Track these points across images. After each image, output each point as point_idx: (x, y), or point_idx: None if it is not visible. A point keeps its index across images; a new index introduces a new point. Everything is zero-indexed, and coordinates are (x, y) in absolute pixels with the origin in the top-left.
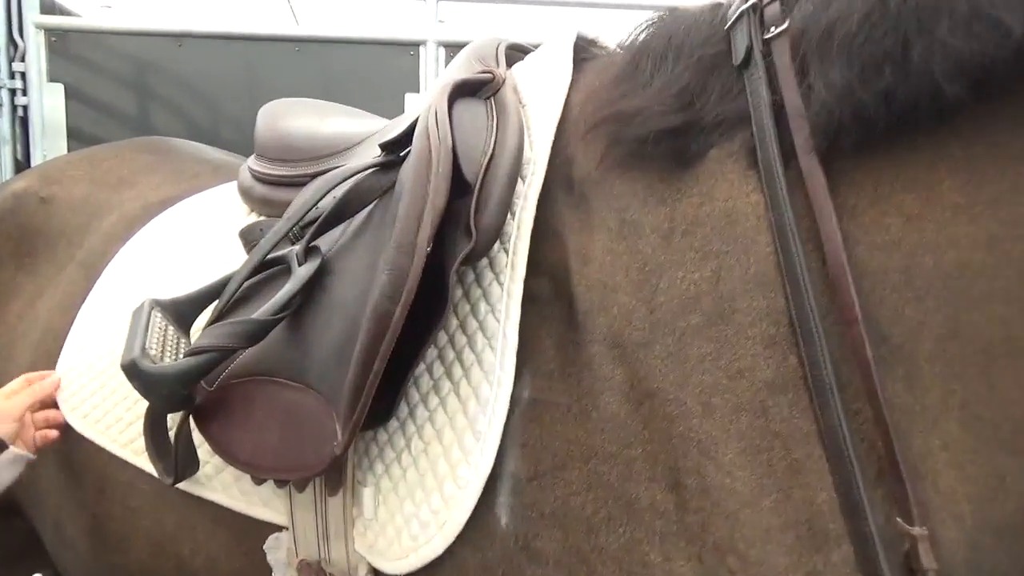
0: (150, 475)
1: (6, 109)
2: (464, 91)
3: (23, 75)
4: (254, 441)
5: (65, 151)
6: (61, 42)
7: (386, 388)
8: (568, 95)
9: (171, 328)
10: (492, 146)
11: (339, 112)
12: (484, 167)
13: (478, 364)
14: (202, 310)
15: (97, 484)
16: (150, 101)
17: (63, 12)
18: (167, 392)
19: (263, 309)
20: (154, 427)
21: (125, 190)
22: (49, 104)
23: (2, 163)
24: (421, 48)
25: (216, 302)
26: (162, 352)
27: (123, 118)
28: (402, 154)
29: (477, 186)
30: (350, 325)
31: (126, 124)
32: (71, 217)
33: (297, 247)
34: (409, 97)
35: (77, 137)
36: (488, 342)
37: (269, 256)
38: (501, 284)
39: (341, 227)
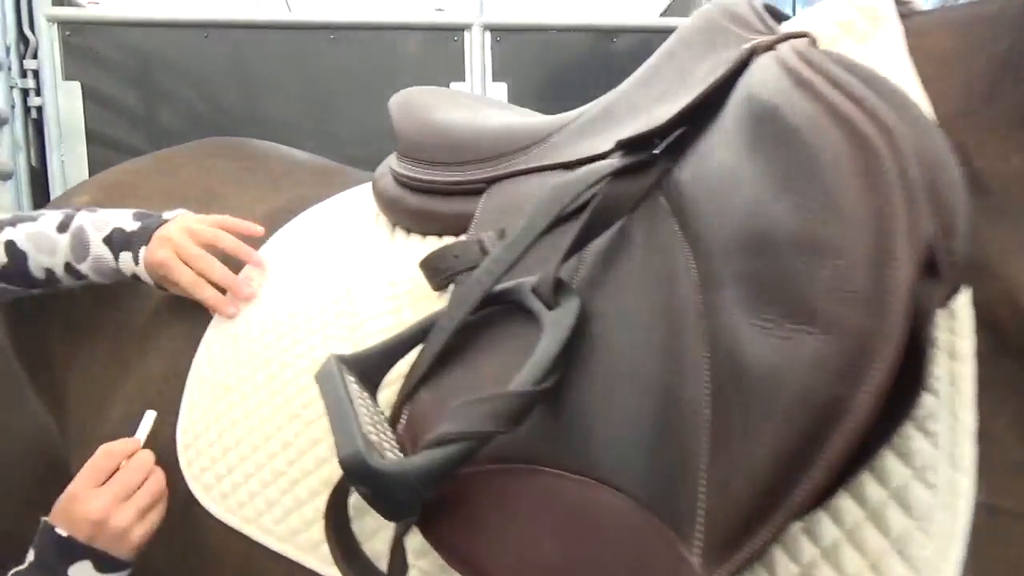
0: (313, 572)
1: (19, 111)
2: None
3: (36, 73)
4: (517, 555)
5: (84, 156)
6: (76, 36)
7: None
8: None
9: (369, 397)
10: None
11: (484, 103)
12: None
13: (899, 458)
14: (392, 365)
15: None
16: (175, 99)
17: (73, 3)
18: (406, 497)
19: (523, 377)
20: (339, 524)
21: (215, 205)
22: (65, 105)
23: (17, 171)
24: (466, 33)
25: (416, 354)
26: (378, 435)
27: (146, 119)
28: (656, 151)
29: (939, 199)
30: (655, 396)
31: (150, 125)
32: None
33: (531, 280)
34: (454, 86)
35: (96, 141)
36: (916, 424)
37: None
38: None
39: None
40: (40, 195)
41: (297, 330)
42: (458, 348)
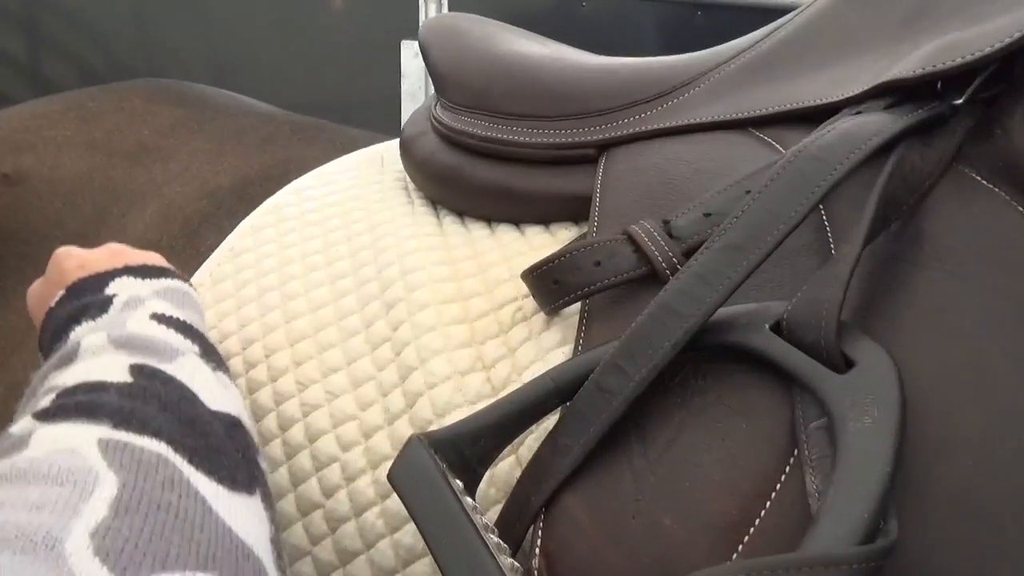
0: None
1: None
2: None
3: None
4: None
5: None
6: None
7: None
8: None
9: (479, 509)
10: None
11: (545, 39)
12: None
13: None
14: (506, 445)
15: None
16: (64, 48)
17: None
18: None
19: (836, 524)
20: None
21: (155, 163)
22: None
23: None
24: None
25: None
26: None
27: (30, 69)
28: (959, 101)
29: None
30: None
31: (36, 77)
32: (63, 209)
33: (768, 309)
34: (406, 45)
35: None
36: None
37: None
38: None
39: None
40: None
41: (306, 363)
42: (630, 424)
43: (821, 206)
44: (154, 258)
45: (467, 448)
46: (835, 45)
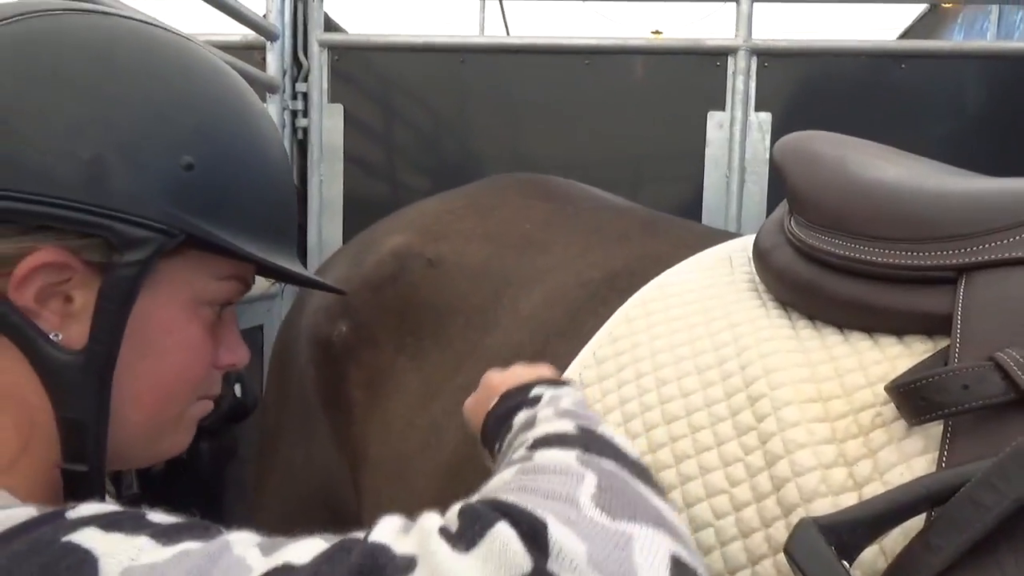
0: None
1: (287, 131)
2: None
3: (304, 96)
4: None
5: (340, 174)
6: (343, 61)
7: None
8: None
9: None
10: None
11: (896, 153)
12: None
13: None
14: (880, 536)
15: None
16: (431, 122)
17: (340, 29)
18: None
19: None
20: None
21: (537, 254)
22: (328, 125)
23: None
24: (730, 58)
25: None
26: None
27: (403, 142)
28: None
29: None
30: None
31: (407, 149)
32: (468, 289)
33: None
34: (713, 116)
35: (353, 161)
36: None
37: None
38: None
39: None
40: (298, 212)
41: (681, 440)
42: (1000, 535)
43: None
44: (555, 372)
45: (845, 535)
46: None
